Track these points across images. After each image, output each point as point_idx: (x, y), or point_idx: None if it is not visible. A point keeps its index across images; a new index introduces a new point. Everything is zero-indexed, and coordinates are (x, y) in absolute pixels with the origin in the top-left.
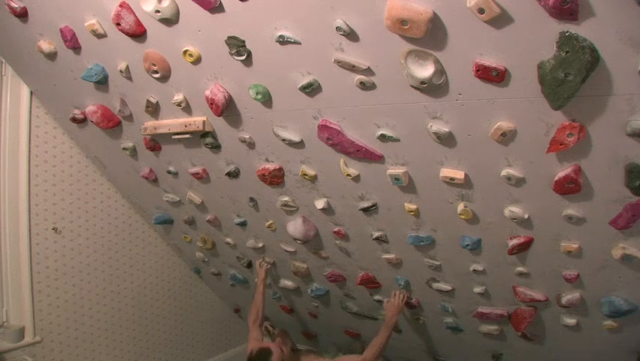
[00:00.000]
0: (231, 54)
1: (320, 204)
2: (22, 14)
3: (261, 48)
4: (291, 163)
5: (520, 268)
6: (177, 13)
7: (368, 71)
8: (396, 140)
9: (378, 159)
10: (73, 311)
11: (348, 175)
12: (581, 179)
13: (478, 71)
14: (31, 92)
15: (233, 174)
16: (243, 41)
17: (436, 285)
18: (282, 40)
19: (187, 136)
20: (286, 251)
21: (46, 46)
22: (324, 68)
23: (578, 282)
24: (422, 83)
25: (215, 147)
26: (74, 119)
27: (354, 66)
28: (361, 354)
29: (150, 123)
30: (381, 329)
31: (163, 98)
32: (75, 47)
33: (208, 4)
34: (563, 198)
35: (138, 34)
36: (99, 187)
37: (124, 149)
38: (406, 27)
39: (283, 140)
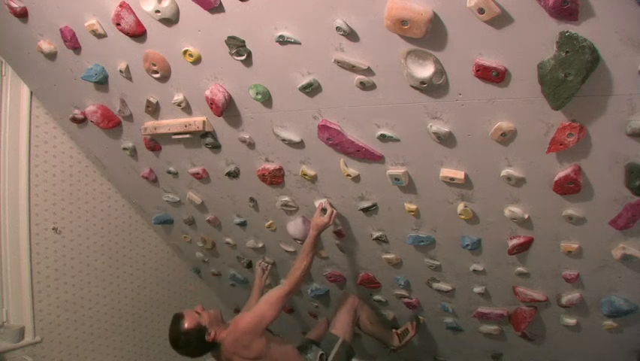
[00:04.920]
0: (231, 54)
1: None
2: (22, 14)
3: (261, 48)
4: (291, 163)
5: (520, 268)
6: (177, 13)
7: (368, 71)
8: (397, 140)
9: (378, 159)
10: (73, 311)
11: (348, 175)
12: (581, 179)
13: (478, 71)
14: (31, 92)
15: (233, 174)
16: (243, 41)
17: (436, 285)
18: (282, 41)
19: (187, 136)
20: (286, 251)
21: (46, 46)
22: (324, 68)
23: (578, 282)
24: (422, 83)
25: (215, 147)
26: (74, 119)
27: (354, 66)
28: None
29: (150, 123)
30: (300, 251)
31: (163, 98)
32: (75, 47)
33: (208, 4)
34: (563, 198)
35: (138, 34)
36: (99, 187)
37: (124, 149)
38: (406, 27)
39: (283, 140)
